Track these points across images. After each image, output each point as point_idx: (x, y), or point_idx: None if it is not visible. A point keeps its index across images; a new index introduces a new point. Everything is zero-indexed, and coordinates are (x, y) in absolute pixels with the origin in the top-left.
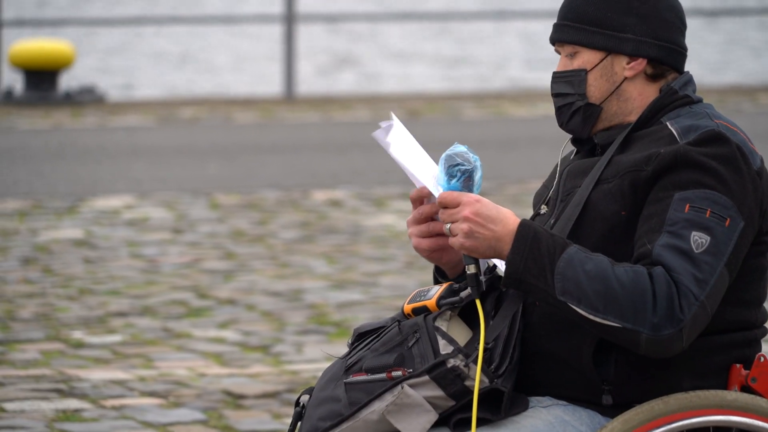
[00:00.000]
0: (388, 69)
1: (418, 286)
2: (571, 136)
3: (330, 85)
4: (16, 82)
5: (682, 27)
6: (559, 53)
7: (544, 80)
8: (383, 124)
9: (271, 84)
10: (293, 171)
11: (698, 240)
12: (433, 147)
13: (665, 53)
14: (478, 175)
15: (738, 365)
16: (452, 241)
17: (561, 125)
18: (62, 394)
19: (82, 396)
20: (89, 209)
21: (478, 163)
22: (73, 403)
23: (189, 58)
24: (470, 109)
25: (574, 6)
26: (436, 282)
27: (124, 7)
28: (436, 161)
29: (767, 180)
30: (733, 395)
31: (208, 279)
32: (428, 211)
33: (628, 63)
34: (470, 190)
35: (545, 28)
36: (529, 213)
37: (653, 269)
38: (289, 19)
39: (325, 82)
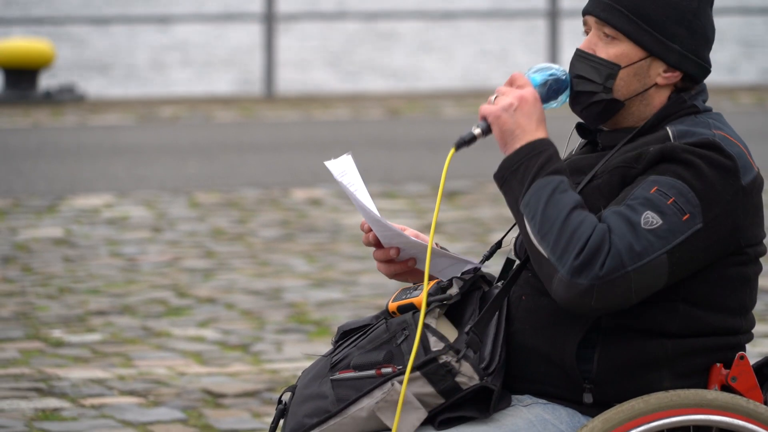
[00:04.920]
0: (368, 67)
1: (397, 284)
2: (574, 124)
3: (310, 84)
4: None
5: (712, 44)
6: (587, 25)
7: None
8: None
9: (251, 83)
10: (273, 170)
11: (649, 219)
12: (414, 146)
13: (700, 72)
14: (561, 95)
15: (718, 365)
16: (487, 106)
17: (574, 109)
18: (41, 393)
19: (62, 395)
20: (69, 208)
21: (568, 91)
22: (52, 402)
23: (169, 57)
24: (450, 108)
25: None
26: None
27: (103, 6)
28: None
29: (756, 196)
30: (713, 394)
31: (187, 278)
32: (373, 242)
33: (665, 71)
34: (542, 96)
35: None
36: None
37: (599, 224)
38: (270, 17)
39: (306, 80)
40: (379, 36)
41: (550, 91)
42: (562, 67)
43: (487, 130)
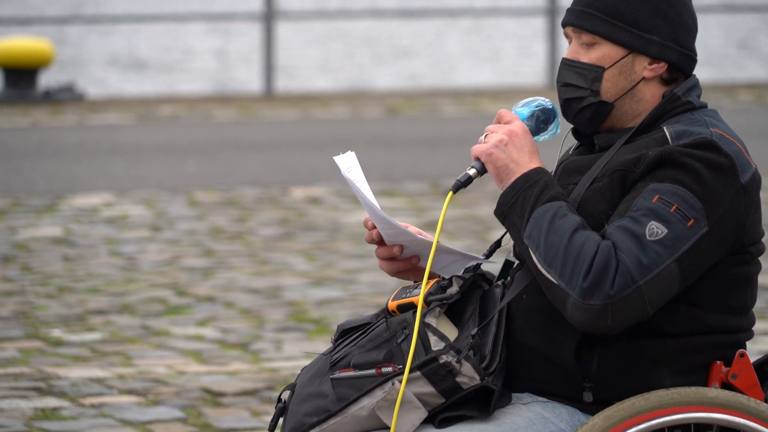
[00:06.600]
0: (367, 66)
1: (396, 283)
2: (570, 127)
3: (309, 83)
4: None
5: (696, 33)
6: (569, 37)
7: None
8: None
9: (250, 81)
10: (272, 168)
11: (654, 229)
12: (413, 144)
13: (684, 60)
14: (550, 127)
15: (719, 362)
16: (478, 145)
17: (566, 117)
18: (41, 392)
19: (61, 394)
20: (68, 207)
21: (557, 119)
22: (51, 402)
23: (168, 56)
24: (449, 106)
25: None
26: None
27: (101, 5)
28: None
29: (756, 194)
30: (714, 392)
31: (187, 276)
32: (377, 238)
33: (650, 64)
34: (532, 129)
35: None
36: None
37: (603, 242)
38: (269, 16)
39: (305, 79)
40: (381, 34)
41: (538, 122)
42: (548, 99)
43: (482, 170)
